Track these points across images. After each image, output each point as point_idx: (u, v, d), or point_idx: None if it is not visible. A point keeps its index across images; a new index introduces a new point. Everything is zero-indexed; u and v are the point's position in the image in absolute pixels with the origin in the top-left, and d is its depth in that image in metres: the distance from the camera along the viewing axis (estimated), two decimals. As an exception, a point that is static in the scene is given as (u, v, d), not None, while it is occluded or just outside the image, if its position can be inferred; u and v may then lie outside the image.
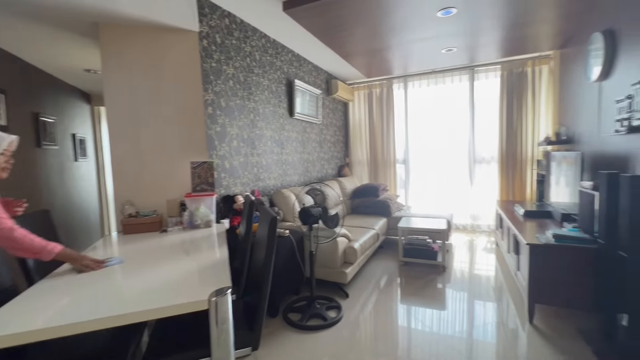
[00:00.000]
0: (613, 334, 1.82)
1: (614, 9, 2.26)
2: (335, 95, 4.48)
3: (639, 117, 1.56)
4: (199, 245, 1.76)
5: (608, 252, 1.77)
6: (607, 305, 1.82)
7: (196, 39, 2.20)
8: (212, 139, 2.37)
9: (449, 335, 2.05)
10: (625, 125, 1.67)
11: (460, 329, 2.11)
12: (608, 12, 2.34)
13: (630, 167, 1.97)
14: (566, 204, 2.73)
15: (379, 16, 2.51)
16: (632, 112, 1.63)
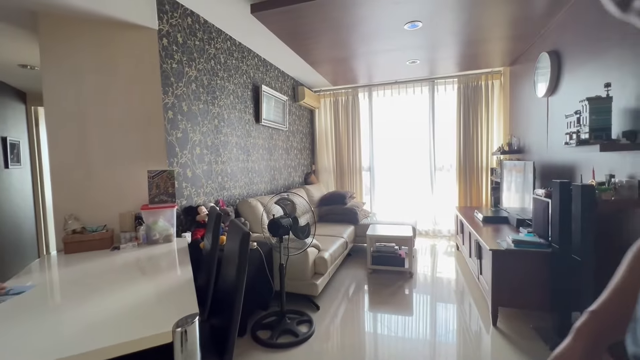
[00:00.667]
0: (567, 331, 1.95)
1: (558, 32, 2.49)
2: (301, 102, 4.44)
3: (587, 131, 1.71)
4: (157, 264, 1.59)
5: (562, 256, 1.91)
6: (562, 305, 1.95)
7: (155, 38, 2.02)
8: (173, 145, 2.19)
9: (416, 340, 2.06)
10: (574, 139, 1.82)
11: (428, 333, 2.13)
12: (553, 34, 2.57)
13: (578, 176, 2.15)
14: (518, 210, 2.93)
15: (348, 25, 2.52)
16: (580, 127, 1.78)
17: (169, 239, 1.93)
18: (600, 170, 1.89)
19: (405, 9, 2.27)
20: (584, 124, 1.74)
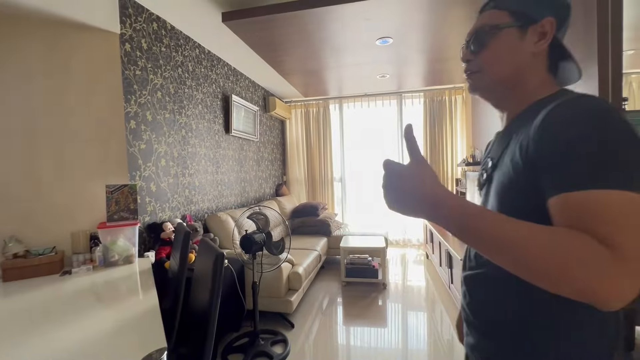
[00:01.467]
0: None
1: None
2: (272, 113, 4.38)
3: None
4: (116, 289, 1.43)
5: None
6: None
7: (117, 42, 1.88)
8: (135, 157, 2.03)
9: (389, 350, 2.05)
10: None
11: (401, 344, 2.13)
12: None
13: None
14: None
15: (321, 38, 2.53)
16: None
17: (129, 259, 1.76)
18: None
19: (377, 25, 2.33)
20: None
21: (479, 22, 0.64)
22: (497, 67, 0.61)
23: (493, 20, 0.61)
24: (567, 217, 0.43)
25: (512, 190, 0.54)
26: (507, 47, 0.60)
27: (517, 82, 0.61)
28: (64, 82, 1.76)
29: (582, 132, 0.44)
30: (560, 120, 0.46)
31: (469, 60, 0.65)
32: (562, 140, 0.45)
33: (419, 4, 2.06)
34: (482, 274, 0.63)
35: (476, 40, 0.63)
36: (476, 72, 0.64)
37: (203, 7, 2.16)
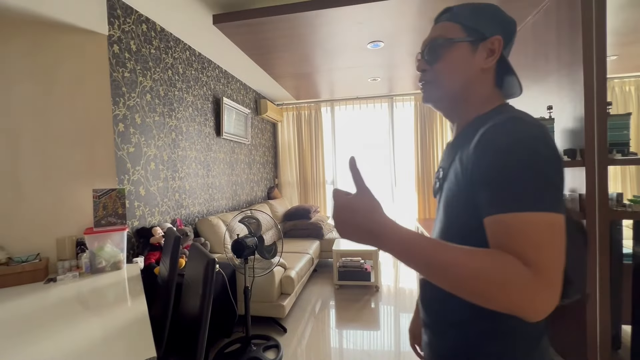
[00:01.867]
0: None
1: (503, 58, 2.73)
2: (264, 116, 4.36)
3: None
4: (104, 296, 1.39)
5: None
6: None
7: (105, 44, 1.85)
8: (124, 161, 1.99)
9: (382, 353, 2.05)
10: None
11: (394, 346, 2.13)
12: (498, 60, 2.82)
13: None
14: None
15: (313, 42, 2.53)
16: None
17: (117, 266, 1.72)
18: (546, 185, 2.07)
19: (368, 29, 2.35)
20: (532, 142, 1.90)
21: (434, 33, 0.65)
22: (451, 79, 0.63)
23: (447, 33, 0.63)
24: (495, 237, 0.48)
25: (456, 205, 0.58)
26: (460, 60, 0.62)
27: (466, 95, 0.63)
28: (49, 84, 1.72)
29: (512, 160, 0.47)
30: (495, 147, 0.49)
31: (424, 70, 0.66)
32: (495, 166, 0.49)
33: (409, 8, 2.09)
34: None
35: (431, 51, 0.64)
36: (431, 83, 0.65)
37: (194, 9, 2.14)
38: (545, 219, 0.45)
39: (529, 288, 0.43)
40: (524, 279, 0.43)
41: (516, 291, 0.43)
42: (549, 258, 0.44)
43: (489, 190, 0.49)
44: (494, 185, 0.48)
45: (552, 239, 0.45)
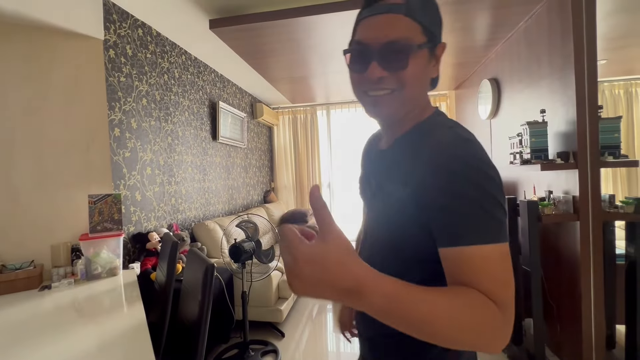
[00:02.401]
0: (521, 338, 2.08)
1: (497, 62, 2.78)
2: (260, 119, 4.36)
3: (528, 152, 1.89)
4: (100, 303, 1.38)
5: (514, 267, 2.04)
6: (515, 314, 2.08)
7: (100, 48, 1.84)
8: (120, 166, 1.98)
9: None
10: (519, 159, 2.01)
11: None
12: (493, 63, 2.87)
13: (520, 191, 2.37)
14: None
15: (309, 46, 2.55)
16: (522, 148, 1.97)
17: (113, 272, 1.70)
18: (539, 187, 2.10)
19: (364, 34, 2.37)
20: (526, 145, 1.93)
21: (395, 31, 0.51)
22: (415, 87, 0.55)
23: (411, 35, 0.52)
24: (458, 270, 0.45)
25: (399, 220, 0.54)
26: (422, 67, 0.54)
27: (416, 104, 0.58)
28: (44, 89, 1.70)
29: (467, 189, 0.45)
30: (448, 173, 0.46)
31: (383, 77, 0.53)
32: (451, 193, 0.46)
33: (404, 14, 2.11)
34: None
35: (397, 56, 0.52)
36: (395, 91, 0.54)
37: (190, 14, 2.14)
38: (504, 250, 0.45)
39: (500, 328, 0.42)
40: (498, 322, 0.42)
41: (490, 333, 0.42)
42: (512, 293, 0.45)
43: (446, 217, 0.46)
44: (451, 213, 0.46)
45: (510, 272, 0.45)
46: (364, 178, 0.69)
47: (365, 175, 0.69)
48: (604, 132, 1.74)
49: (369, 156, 0.72)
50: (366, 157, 0.74)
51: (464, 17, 2.17)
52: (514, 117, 2.46)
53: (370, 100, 0.56)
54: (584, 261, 1.74)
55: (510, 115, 2.54)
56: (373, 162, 0.67)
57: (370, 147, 0.73)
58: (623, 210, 1.75)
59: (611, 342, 1.90)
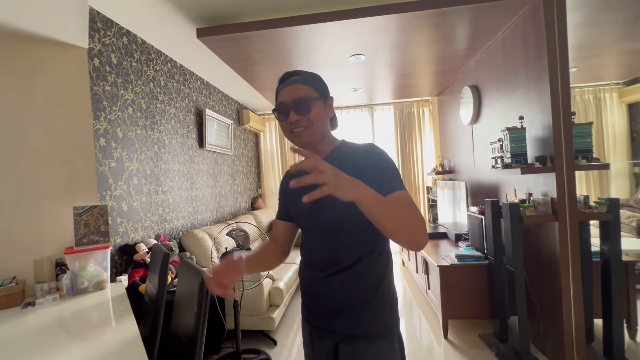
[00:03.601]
0: (507, 336, 2.15)
1: (477, 70, 2.90)
2: (246, 126, 4.35)
3: (509, 157, 1.98)
4: (87, 319, 1.34)
5: (498, 267, 2.13)
6: (501, 312, 2.16)
7: (85, 57, 1.81)
8: (105, 176, 1.93)
9: None
10: (500, 163, 2.10)
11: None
12: (474, 71, 2.99)
13: (502, 193, 2.47)
14: (453, 225, 3.22)
15: (297, 55, 2.58)
16: (503, 152, 2.07)
17: (101, 285, 1.66)
18: (520, 189, 2.20)
19: (351, 43, 2.42)
20: (506, 150, 2.02)
21: (297, 92, 0.83)
22: (319, 123, 0.85)
23: (308, 93, 0.83)
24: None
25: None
26: (320, 111, 0.85)
27: (325, 133, 0.90)
28: (26, 99, 1.65)
29: (391, 165, 0.82)
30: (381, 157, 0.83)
31: (298, 120, 0.83)
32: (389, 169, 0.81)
33: (388, 26, 2.18)
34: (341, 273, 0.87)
35: (303, 105, 0.82)
36: (307, 127, 0.83)
37: (177, 22, 2.14)
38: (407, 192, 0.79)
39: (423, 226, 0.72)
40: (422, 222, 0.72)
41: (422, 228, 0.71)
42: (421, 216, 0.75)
43: (386, 178, 0.78)
44: (389, 175, 0.79)
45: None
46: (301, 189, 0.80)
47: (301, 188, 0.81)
48: (577, 137, 1.85)
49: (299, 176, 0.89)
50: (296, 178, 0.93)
51: (444, 28, 2.27)
52: (494, 123, 2.57)
53: (295, 135, 0.85)
54: (563, 260, 1.84)
55: (491, 121, 2.65)
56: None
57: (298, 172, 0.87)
58: (597, 210, 1.86)
59: (590, 335, 2.00)
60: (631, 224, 3.52)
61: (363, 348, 0.81)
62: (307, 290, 0.93)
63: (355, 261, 0.83)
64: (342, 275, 0.83)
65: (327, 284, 0.85)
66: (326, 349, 0.86)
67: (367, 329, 0.82)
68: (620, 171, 4.56)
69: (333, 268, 0.84)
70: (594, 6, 2.15)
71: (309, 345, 0.93)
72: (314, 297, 0.90)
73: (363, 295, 0.83)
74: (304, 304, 0.96)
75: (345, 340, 0.83)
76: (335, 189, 0.59)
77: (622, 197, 4.27)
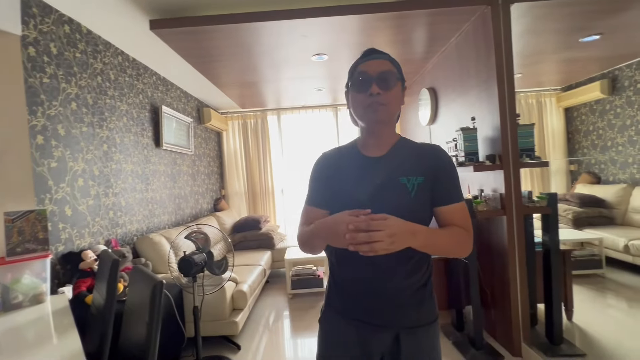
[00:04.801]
0: (463, 325, 2.28)
1: (434, 73, 3.04)
2: (207, 124, 4.19)
3: (463, 155, 2.10)
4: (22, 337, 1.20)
5: (454, 260, 2.25)
6: (457, 302, 2.28)
7: (17, 45, 1.62)
8: (44, 178, 1.75)
9: None
10: (455, 161, 2.21)
11: (355, 353, 2.20)
12: (431, 74, 3.13)
13: (457, 191, 2.60)
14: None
15: (259, 52, 2.53)
16: (457, 151, 2.18)
17: (39, 299, 1.50)
18: (473, 186, 2.34)
19: (313, 42, 2.42)
20: (460, 149, 2.14)
21: (383, 66, 0.81)
22: (396, 104, 0.83)
23: (392, 69, 0.82)
24: (448, 217, 0.83)
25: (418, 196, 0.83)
26: (399, 93, 0.84)
27: (394, 120, 0.88)
28: (-58, 90, 1.45)
29: (453, 172, 0.84)
30: (451, 164, 0.85)
31: (379, 93, 0.80)
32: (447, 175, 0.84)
33: (349, 26, 2.21)
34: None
35: (387, 80, 0.80)
36: (384, 105, 0.81)
37: (127, 12, 1.99)
38: (465, 204, 0.85)
39: (469, 242, 0.82)
40: (468, 238, 0.81)
41: (466, 245, 0.81)
42: (471, 225, 0.84)
43: (446, 187, 0.83)
44: (449, 184, 0.83)
45: (468, 214, 0.85)
46: (356, 178, 0.86)
47: (356, 176, 0.86)
48: (522, 137, 2.00)
49: (350, 163, 0.90)
50: (346, 164, 0.90)
51: (404, 31, 2.35)
52: (450, 123, 2.71)
53: (371, 110, 0.81)
54: (510, 251, 1.98)
55: (447, 121, 2.79)
56: (365, 166, 0.87)
57: (346, 157, 0.92)
58: (539, 204, 2.03)
59: (534, 319, 2.17)
60: (568, 216, 3.90)
61: (423, 333, 0.85)
62: (359, 287, 0.86)
63: (414, 256, 0.82)
64: (405, 269, 0.82)
65: (388, 279, 0.82)
66: (385, 342, 0.85)
67: (426, 318, 0.86)
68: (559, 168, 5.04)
69: (395, 263, 0.81)
70: (536, 15, 2.34)
71: (352, 341, 0.86)
72: (370, 293, 0.84)
73: (420, 287, 0.85)
74: (351, 301, 0.87)
75: (407, 331, 0.84)
76: (391, 250, 0.65)
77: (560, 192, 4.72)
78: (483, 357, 1.98)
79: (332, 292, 0.92)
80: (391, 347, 0.85)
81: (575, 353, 1.94)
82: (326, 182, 0.90)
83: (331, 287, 0.93)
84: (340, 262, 0.88)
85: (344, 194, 0.84)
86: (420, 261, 0.84)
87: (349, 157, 0.90)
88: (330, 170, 0.91)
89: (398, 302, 0.84)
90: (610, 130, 3.95)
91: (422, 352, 0.85)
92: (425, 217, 0.83)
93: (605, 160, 4.29)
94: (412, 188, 0.80)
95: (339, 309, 0.90)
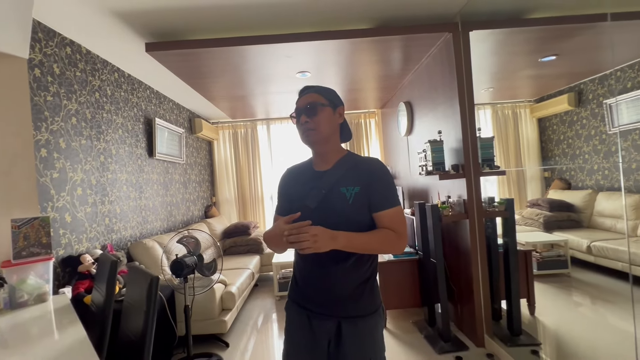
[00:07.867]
0: (434, 320, 2.48)
1: (410, 88, 3.28)
2: (199, 134, 4.36)
3: (431, 165, 2.33)
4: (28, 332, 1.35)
5: (425, 260, 2.46)
6: (429, 300, 2.48)
7: (24, 68, 1.79)
8: (47, 188, 1.91)
9: (327, 357, 2.26)
10: (424, 170, 2.44)
11: (336, 348, 2.36)
12: (407, 89, 3.38)
13: (430, 197, 2.83)
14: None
15: (246, 70, 2.73)
16: (426, 161, 2.41)
17: (42, 298, 1.65)
18: (442, 193, 2.57)
19: (296, 61, 2.64)
20: (428, 159, 2.36)
21: (309, 99, 0.99)
22: (325, 126, 0.99)
23: (318, 99, 0.99)
24: (383, 220, 0.96)
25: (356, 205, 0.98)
26: (328, 115, 1.00)
27: (331, 140, 1.02)
28: (-42, 109, 1.61)
29: (389, 180, 0.98)
30: (384, 174, 0.98)
31: (307, 121, 0.98)
32: (382, 184, 0.98)
33: (330, 48, 2.44)
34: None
35: (311, 110, 0.98)
36: (312, 130, 0.98)
37: (124, 35, 2.18)
38: (401, 208, 0.99)
39: (398, 243, 0.96)
40: (396, 240, 0.95)
41: (394, 245, 0.96)
42: (405, 228, 0.98)
43: (382, 194, 0.97)
44: (385, 191, 0.97)
45: (404, 218, 0.99)
46: (307, 189, 1.02)
47: (307, 188, 1.02)
48: (483, 148, 2.24)
49: (303, 177, 1.08)
50: (300, 178, 1.09)
51: (381, 52, 2.58)
52: (423, 134, 2.95)
53: (304, 135, 1.01)
54: (473, 251, 2.20)
55: (421, 132, 3.03)
56: (314, 179, 1.04)
57: (301, 172, 1.11)
58: (498, 208, 2.26)
59: (497, 314, 2.39)
60: (539, 220, 4.17)
61: (362, 322, 0.99)
62: (309, 282, 1.03)
63: (351, 257, 0.96)
64: (343, 267, 0.97)
65: (330, 276, 0.98)
66: (328, 328, 1.00)
67: (365, 310, 0.99)
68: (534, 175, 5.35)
69: (335, 262, 0.96)
70: (496, 39, 2.60)
71: (305, 327, 1.03)
72: (316, 287, 1.01)
73: (360, 284, 0.98)
74: (303, 293, 1.05)
75: (347, 320, 0.98)
76: (316, 248, 0.82)
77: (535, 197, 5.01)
78: (450, 348, 2.18)
79: (293, 284, 1.12)
80: (335, 333, 1.00)
81: (532, 342, 2.15)
82: (287, 194, 1.10)
83: (292, 280, 1.14)
84: (298, 260, 1.07)
85: (297, 202, 1.03)
86: (358, 261, 0.97)
87: (304, 171, 1.10)
88: (290, 183, 1.11)
89: (339, 296, 0.98)
90: (577, 139, 4.25)
91: (361, 339, 0.99)
92: (362, 220, 0.96)
93: (575, 167, 4.60)
94: (350, 196, 0.96)
95: (295, 299, 1.08)
